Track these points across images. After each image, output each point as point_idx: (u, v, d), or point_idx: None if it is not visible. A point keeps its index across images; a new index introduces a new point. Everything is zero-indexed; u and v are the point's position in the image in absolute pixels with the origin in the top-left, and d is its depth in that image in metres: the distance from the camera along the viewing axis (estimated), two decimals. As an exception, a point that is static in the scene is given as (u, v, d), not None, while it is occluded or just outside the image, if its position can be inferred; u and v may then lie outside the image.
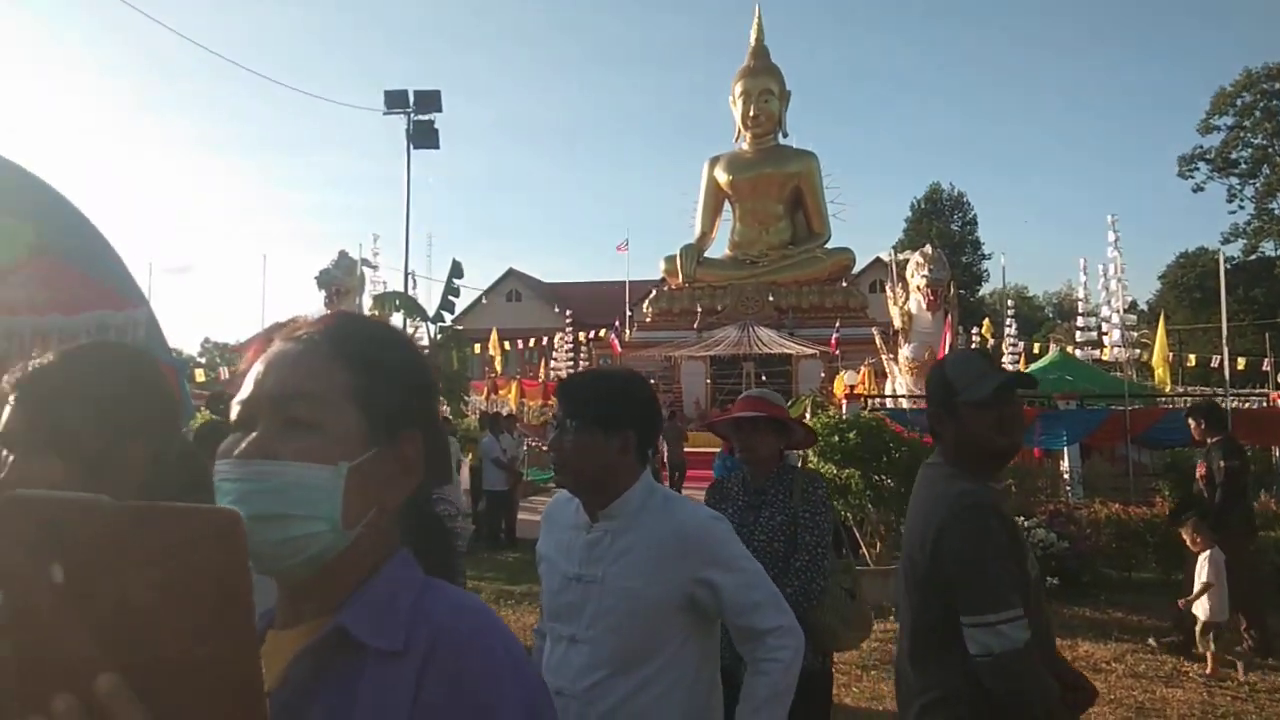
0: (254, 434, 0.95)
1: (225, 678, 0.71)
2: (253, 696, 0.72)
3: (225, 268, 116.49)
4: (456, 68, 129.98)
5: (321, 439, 0.94)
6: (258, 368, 1.00)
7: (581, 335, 33.36)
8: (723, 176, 35.23)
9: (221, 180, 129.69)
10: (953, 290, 16.67)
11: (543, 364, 33.00)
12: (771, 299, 30.99)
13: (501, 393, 25.39)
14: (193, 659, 0.70)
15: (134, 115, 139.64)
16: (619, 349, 29.99)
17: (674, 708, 2.03)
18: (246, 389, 0.99)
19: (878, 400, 13.93)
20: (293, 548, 0.92)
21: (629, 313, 37.29)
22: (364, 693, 0.89)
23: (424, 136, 22.83)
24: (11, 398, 1.25)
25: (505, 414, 16.09)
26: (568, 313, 37.30)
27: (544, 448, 14.80)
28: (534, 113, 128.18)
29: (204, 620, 0.70)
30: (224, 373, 26.69)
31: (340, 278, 16.89)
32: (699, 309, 31.01)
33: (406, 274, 22.39)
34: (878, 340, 17.97)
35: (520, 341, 33.62)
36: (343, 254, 17.42)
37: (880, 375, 18.43)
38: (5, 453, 1.21)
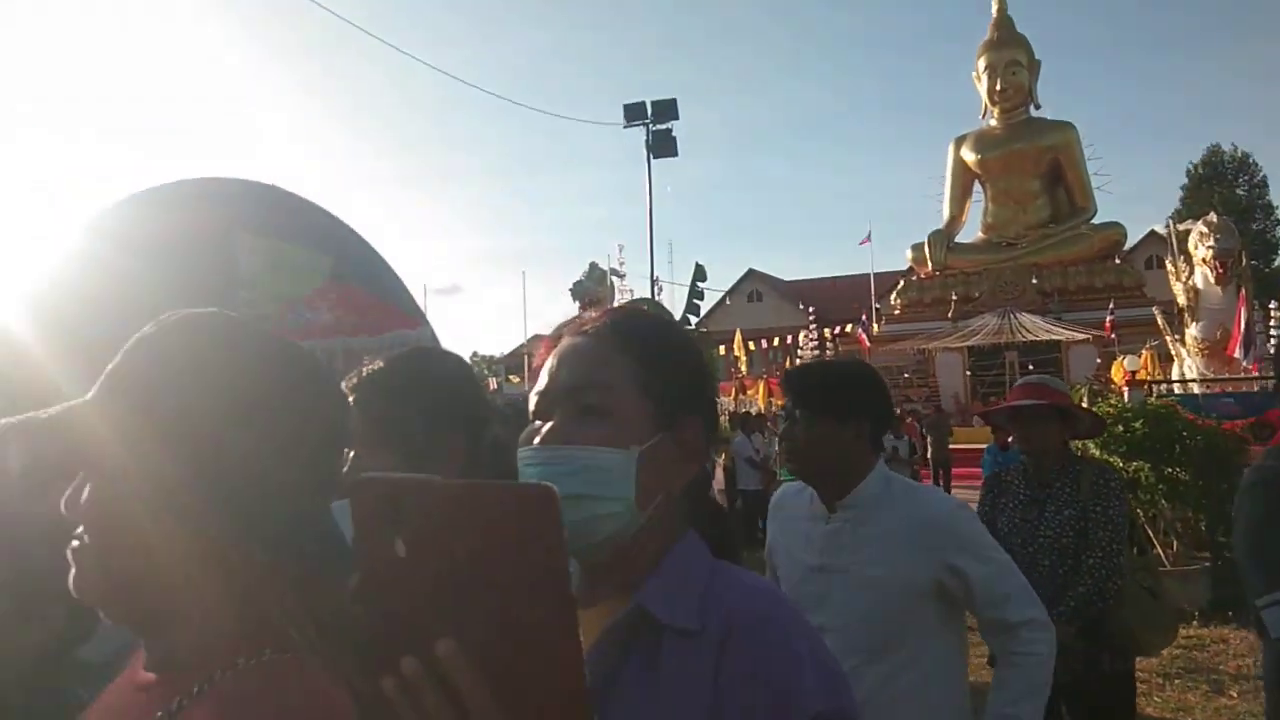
0: (551, 422, 1.01)
1: (549, 644, 0.74)
2: (574, 663, 0.75)
3: (489, 286, 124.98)
4: (690, 74, 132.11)
5: (613, 425, 0.98)
6: (550, 362, 1.05)
7: (826, 331, 32.80)
8: (970, 156, 33.45)
9: (482, 203, 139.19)
10: (1244, 261, 14.90)
11: (787, 362, 32.70)
12: (1035, 282, 28.98)
13: (749, 393, 25.44)
14: (518, 626, 0.73)
15: (403, 149, 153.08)
16: (867, 343, 29.18)
17: (928, 697, 2.01)
18: (542, 382, 1.05)
19: (1164, 386, 12.65)
20: (591, 527, 0.96)
21: (876, 306, 36.27)
22: (666, 671, 0.92)
23: (662, 145, 23.40)
24: (350, 400, 1.41)
25: (755, 413, 16.11)
26: (810, 310, 36.80)
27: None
28: (768, 111, 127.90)
29: (527, 589, 0.73)
30: (492, 383, 28.58)
31: (592, 288, 17.63)
32: (953, 297, 29.59)
33: (652, 281, 23.05)
34: (1160, 320, 16.37)
35: (764, 341, 33.50)
36: (593, 265, 18.18)
37: (1165, 359, 16.77)
38: (347, 449, 1.37)
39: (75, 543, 0.83)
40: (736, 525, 2.00)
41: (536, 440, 1.00)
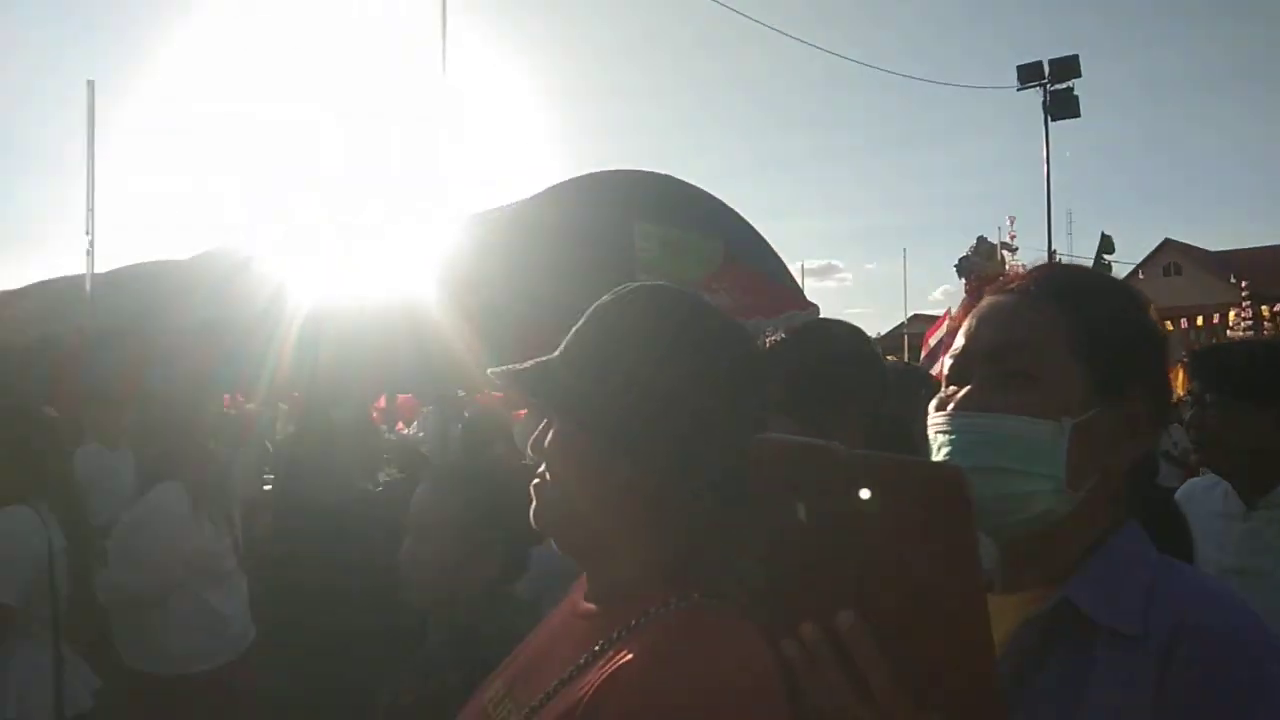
0: (969, 387, 0.94)
1: (956, 627, 0.70)
2: (984, 648, 0.71)
3: (867, 264, 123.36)
4: (1093, 25, 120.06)
5: (1040, 392, 0.90)
6: (969, 323, 0.99)
7: (1264, 308, 28.25)
8: None
9: (860, 179, 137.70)
10: None
11: (1214, 344, 28.62)
12: None
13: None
14: (924, 606, 0.70)
15: (782, 131, 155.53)
16: (1319, 322, 24.69)
17: None
18: (959, 344, 0.99)
19: None
20: (1012, 504, 0.88)
21: (1334, 277, 30.68)
22: (1097, 676, 0.83)
23: (1062, 106, 21.69)
24: None
25: (1174, 401, 14.40)
26: (1243, 283, 31.90)
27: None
28: (1186, 59, 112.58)
29: (934, 570, 0.70)
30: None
31: (981, 264, 16.69)
32: None
33: (1050, 254, 21.37)
34: None
35: (1184, 320, 29.62)
36: (981, 240, 17.22)
37: None
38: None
39: (537, 480, 0.95)
40: (1185, 517, 1.78)
41: (951, 406, 0.93)
